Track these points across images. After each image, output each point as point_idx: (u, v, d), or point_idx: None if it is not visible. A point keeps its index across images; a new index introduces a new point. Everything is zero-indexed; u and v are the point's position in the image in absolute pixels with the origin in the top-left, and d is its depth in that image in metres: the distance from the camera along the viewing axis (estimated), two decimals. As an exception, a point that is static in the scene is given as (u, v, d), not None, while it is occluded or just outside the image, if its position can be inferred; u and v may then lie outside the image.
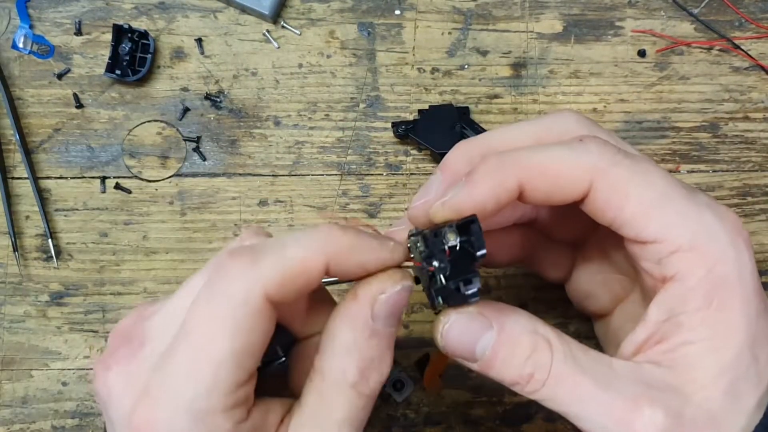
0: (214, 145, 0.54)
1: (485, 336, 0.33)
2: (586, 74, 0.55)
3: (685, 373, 0.31)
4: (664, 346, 0.32)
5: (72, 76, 0.55)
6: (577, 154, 0.33)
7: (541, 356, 0.32)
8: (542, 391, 0.32)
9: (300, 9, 0.55)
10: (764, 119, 0.55)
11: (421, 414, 0.53)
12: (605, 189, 0.33)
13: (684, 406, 0.31)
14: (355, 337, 0.32)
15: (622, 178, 0.32)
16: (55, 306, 0.53)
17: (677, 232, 0.32)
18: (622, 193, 0.32)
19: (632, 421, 0.31)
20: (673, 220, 0.32)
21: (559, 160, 0.33)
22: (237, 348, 0.29)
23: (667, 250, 0.32)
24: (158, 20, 0.55)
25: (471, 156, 0.36)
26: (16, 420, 0.52)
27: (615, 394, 0.31)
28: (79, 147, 0.54)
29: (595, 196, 0.33)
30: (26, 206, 0.54)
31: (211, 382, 0.29)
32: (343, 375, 0.32)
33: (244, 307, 0.30)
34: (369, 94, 0.55)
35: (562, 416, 0.33)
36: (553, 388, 0.32)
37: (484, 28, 0.55)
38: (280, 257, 0.31)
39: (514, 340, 0.33)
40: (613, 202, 0.33)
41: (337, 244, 0.32)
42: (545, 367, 0.32)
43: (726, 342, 0.31)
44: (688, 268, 0.32)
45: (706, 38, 0.55)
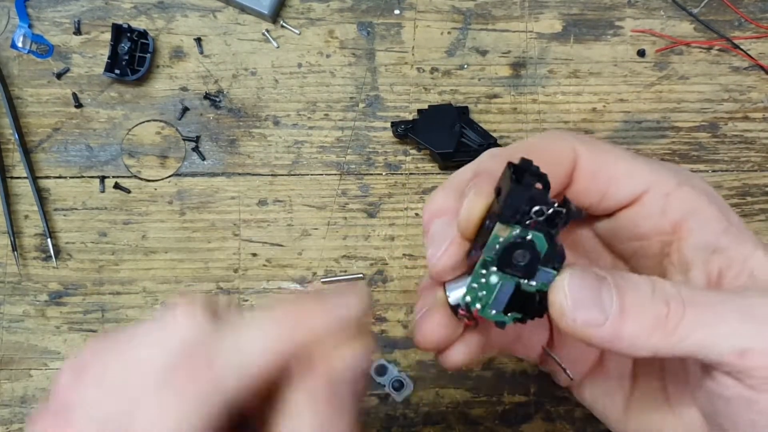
0: (214, 144, 0.54)
1: (603, 287, 0.29)
2: (585, 74, 0.55)
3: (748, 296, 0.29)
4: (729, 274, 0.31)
5: (71, 75, 0.55)
6: (555, 139, 0.33)
7: (666, 287, 0.28)
8: (686, 324, 0.28)
9: (299, 8, 0.55)
10: (764, 119, 0.55)
11: (421, 414, 0.53)
12: (590, 159, 0.33)
13: None
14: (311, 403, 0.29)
15: (601, 149, 0.33)
16: (54, 306, 0.53)
17: (663, 176, 0.33)
18: (605, 158, 0.33)
19: None
20: (654, 169, 0.33)
21: (546, 143, 0.33)
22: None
23: (662, 193, 0.32)
24: (157, 20, 0.55)
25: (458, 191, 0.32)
26: (15, 420, 0.52)
27: (745, 310, 0.28)
28: (78, 146, 0.54)
29: (583, 169, 0.33)
30: (25, 206, 0.54)
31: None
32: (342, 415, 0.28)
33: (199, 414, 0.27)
34: (368, 93, 0.55)
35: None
36: (695, 319, 0.28)
37: (484, 27, 0.55)
38: (238, 367, 0.27)
39: (633, 282, 0.29)
40: (601, 168, 0.33)
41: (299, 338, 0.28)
42: (677, 297, 0.28)
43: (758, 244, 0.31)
44: (689, 202, 0.32)
45: (705, 38, 0.55)
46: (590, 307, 0.28)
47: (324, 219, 0.54)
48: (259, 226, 0.54)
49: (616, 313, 0.28)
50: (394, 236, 0.53)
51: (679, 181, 0.33)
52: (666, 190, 0.33)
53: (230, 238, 0.53)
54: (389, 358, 0.53)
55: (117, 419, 0.28)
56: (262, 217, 0.54)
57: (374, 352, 0.30)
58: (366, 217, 0.54)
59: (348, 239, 0.54)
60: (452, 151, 0.52)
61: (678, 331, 0.28)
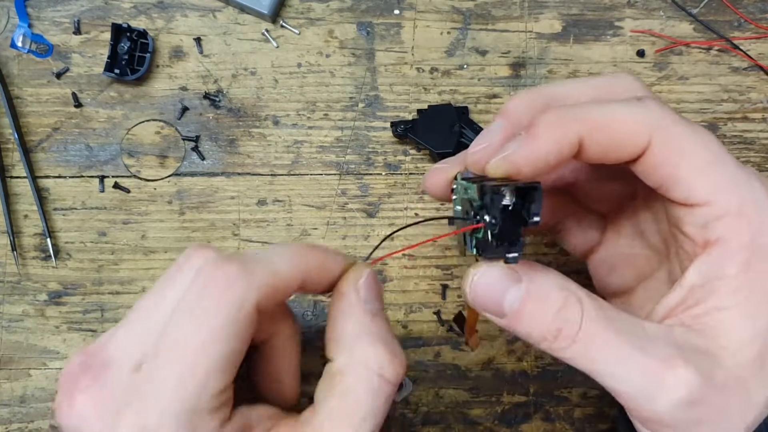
0: (213, 144, 0.54)
1: (513, 289, 0.32)
2: (585, 74, 0.55)
3: (716, 338, 0.31)
4: (697, 311, 0.32)
5: (71, 75, 0.55)
6: (639, 111, 0.33)
7: (570, 312, 0.32)
8: (572, 348, 0.32)
9: (299, 8, 0.55)
10: (763, 119, 0.55)
11: (420, 414, 0.53)
12: (664, 145, 0.32)
13: (715, 368, 0.31)
14: (361, 323, 0.34)
15: (682, 136, 0.32)
16: (54, 305, 0.53)
17: (727, 197, 0.32)
18: (680, 151, 0.32)
19: (664, 379, 0.30)
20: (725, 184, 0.32)
21: (622, 116, 0.33)
22: (226, 354, 0.30)
23: (714, 214, 0.32)
24: (157, 19, 0.55)
25: (533, 105, 0.36)
26: (14, 419, 0.52)
27: (647, 353, 0.31)
28: (78, 146, 0.54)
29: (653, 153, 0.33)
30: (25, 205, 0.54)
31: (200, 385, 0.30)
32: (366, 364, 0.33)
33: (238, 313, 0.30)
34: (368, 93, 0.55)
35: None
36: (584, 345, 0.31)
37: (483, 27, 0.55)
38: (270, 269, 0.32)
39: (544, 294, 0.32)
40: (671, 158, 0.32)
41: (312, 262, 0.34)
42: (575, 323, 0.31)
43: (760, 309, 0.31)
44: (732, 233, 0.32)
45: (705, 38, 0.55)
46: (492, 303, 0.33)
47: (323, 219, 0.54)
48: (259, 226, 0.54)
49: (514, 314, 0.33)
50: (393, 236, 0.53)
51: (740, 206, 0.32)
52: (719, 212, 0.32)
53: (230, 237, 0.53)
54: (388, 358, 0.53)
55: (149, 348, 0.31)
56: (261, 216, 0.54)
57: None
58: (365, 217, 0.54)
59: (347, 239, 0.54)
60: (452, 151, 0.52)
61: (564, 353, 0.32)
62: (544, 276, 0.33)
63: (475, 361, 0.53)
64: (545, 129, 0.33)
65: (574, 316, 0.32)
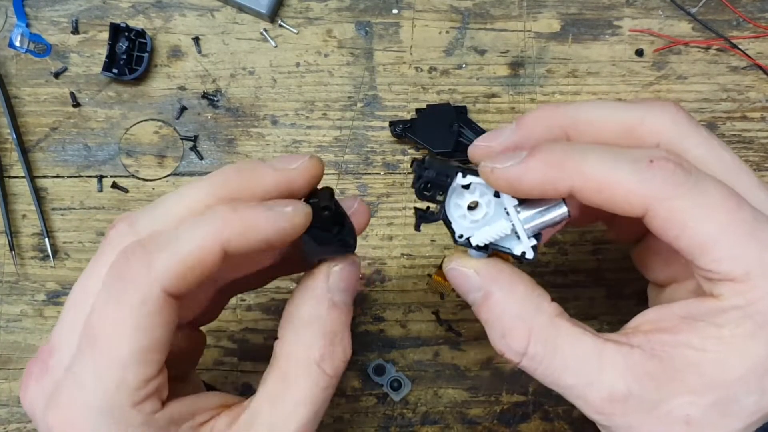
0: (211, 144, 0.54)
1: (474, 293, 0.35)
2: (583, 74, 0.55)
3: (675, 372, 0.31)
4: (668, 338, 0.32)
5: (69, 74, 0.55)
6: (639, 180, 0.32)
7: (513, 342, 0.34)
8: (521, 366, 0.34)
9: (297, 8, 0.55)
10: (762, 119, 0.55)
11: (419, 413, 0.53)
12: (662, 218, 0.32)
13: (662, 402, 0.31)
14: (316, 309, 0.34)
15: (681, 211, 0.32)
16: (52, 305, 0.53)
17: (730, 267, 0.31)
18: (679, 225, 0.32)
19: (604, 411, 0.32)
20: (727, 255, 0.31)
21: (619, 181, 0.32)
22: (140, 346, 0.30)
23: (719, 276, 0.32)
24: (155, 19, 0.55)
25: (551, 123, 0.36)
26: (12, 419, 0.52)
27: (593, 389, 0.32)
28: (76, 146, 0.54)
29: (652, 221, 0.32)
30: (23, 205, 0.53)
31: (118, 380, 0.30)
32: (307, 351, 0.33)
33: (142, 307, 0.30)
34: (366, 93, 0.55)
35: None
36: (532, 371, 0.34)
37: (482, 27, 0.55)
38: (174, 252, 0.31)
39: (494, 315, 0.34)
40: (670, 231, 0.32)
41: (230, 228, 0.31)
42: (517, 352, 0.33)
43: (733, 364, 0.31)
44: (732, 294, 0.32)
45: (703, 38, 0.55)
46: (459, 291, 0.36)
47: (322, 218, 0.54)
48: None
49: (476, 311, 0.35)
50: (392, 236, 0.53)
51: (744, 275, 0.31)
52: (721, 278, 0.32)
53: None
54: (387, 357, 0.53)
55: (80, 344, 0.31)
56: (260, 216, 0.54)
57: None
58: (364, 217, 0.54)
59: (346, 239, 0.54)
60: (450, 150, 0.52)
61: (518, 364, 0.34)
62: (503, 296, 0.34)
63: (474, 361, 0.53)
64: (540, 163, 0.33)
65: (517, 346, 0.33)
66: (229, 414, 0.33)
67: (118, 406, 0.30)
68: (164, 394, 0.32)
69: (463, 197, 0.36)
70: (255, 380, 0.52)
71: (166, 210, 0.33)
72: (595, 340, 0.33)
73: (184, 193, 0.33)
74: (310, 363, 0.33)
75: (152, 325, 0.30)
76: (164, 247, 0.31)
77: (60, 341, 0.33)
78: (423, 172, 0.35)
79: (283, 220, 0.32)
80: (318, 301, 0.34)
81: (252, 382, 0.52)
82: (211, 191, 0.33)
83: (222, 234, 0.31)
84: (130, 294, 0.30)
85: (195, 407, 0.33)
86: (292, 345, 0.34)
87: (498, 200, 0.35)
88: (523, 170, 0.33)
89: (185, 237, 0.31)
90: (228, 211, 0.31)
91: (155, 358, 0.31)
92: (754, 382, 0.31)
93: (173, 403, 0.32)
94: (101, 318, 0.31)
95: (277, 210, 0.32)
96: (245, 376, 0.52)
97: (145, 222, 0.33)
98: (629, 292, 0.53)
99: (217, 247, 0.31)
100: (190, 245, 0.31)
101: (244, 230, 0.31)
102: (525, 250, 0.35)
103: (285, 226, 0.32)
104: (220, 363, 0.52)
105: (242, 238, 0.31)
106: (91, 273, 0.33)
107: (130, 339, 0.30)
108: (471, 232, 0.35)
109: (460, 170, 0.35)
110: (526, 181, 0.33)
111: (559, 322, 0.34)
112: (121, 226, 0.33)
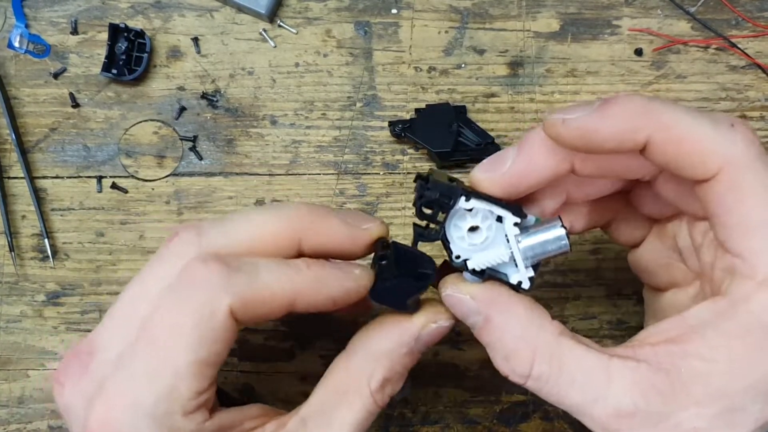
0: (211, 144, 0.54)
1: (473, 317, 0.35)
2: (583, 73, 0.55)
3: (682, 384, 0.31)
4: (677, 348, 0.32)
5: (68, 75, 0.55)
6: (722, 139, 0.31)
7: (517, 364, 0.33)
8: (526, 386, 0.34)
9: (297, 8, 0.55)
10: (761, 118, 0.55)
11: (419, 413, 0.53)
12: (727, 184, 0.31)
13: (669, 416, 0.31)
14: (395, 350, 0.34)
15: (749, 184, 0.31)
16: (52, 306, 0.53)
17: (763, 264, 0.31)
18: (740, 197, 0.31)
19: (610, 427, 0.32)
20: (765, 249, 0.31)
21: (701, 136, 0.31)
22: (198, 358, 0.30)
23: (744, 272, 0.31)
24: (154, 19, 0.55)
25: (555, 147, 0.34)
26: (12, 420, 0.52)
27: (599, 405, 0.32)
28: (76, 146, 0.54)
29: (714, 187, 0.31)
30: (22, 206, 0.53)
31: (171, 388, 0.30)
32: (369, 379, 0.34)
33: (211, 319, 0.30)
34: (366, 93, 0.55)
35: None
36: (537, 390, 0.33)
37: (481, 26, 0.55)
38: (252, 281, 0.31)
39: (496, 338, 0.34)
40: (728, 201, 0.31)
41: (304, 281, 0.33)
42: (521, 375, 0.33)
43: (740, 375, 0.31)
44: (750, 299, 0.31)
45: (702, 37, 0.55)
46: (458, 315, 0.35)
47: (322, 218, 0.54)
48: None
49: (477, 335, 0.35)
50: (391, 236, 0.53)
51: None
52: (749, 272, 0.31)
53: (228, 237, 0.53)
54: (387, 357, 0.53)
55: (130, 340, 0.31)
56: (259, 216, 0.54)
57: None
58: (364, 217, 0.54)
59: (346, 239, 0.54)
60: (450, 150, 0.52)
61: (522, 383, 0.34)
62: (503, 319, 0.34)
63: (474, 360, 0.53)
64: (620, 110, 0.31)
65: (522, 368, 0.33)
66: (275, 422, 0.34)
67: (169, 412, 0.30)
68: (211, 404, 0.32)
69: (464, 219, 0.35)
70: (255, 380, 0.52)
71: (236, 231, 0.33)
72: (600, 356, 0.33)
73: (253, 218, 0.34)
74: (366, 390, 0.34)
75: (214, 339, 0.30)
76: (244, 270, 0.31)
77: (105, 342, 0.32)
78: (425, 191, 0.34)
79: (351, 280, 0.34)
80: (400, 344, 0.35)
81: (252, 382, 0.52)
82: (281, 223, 0.34)
83: (295, 284, 0.32)
84: (201, 303, 0.30)
85: (241, 416, 0.34)
86: (357, 368, 0.34)
87: (499, 225, 0.34)
88: (599, 118, 0.31)
89: (264, 270, 0.32)
90: (303, 265, 0.33)
91: (210, 372, 0.31)
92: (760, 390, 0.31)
93: (220, 413, 0.33)
94: (164, 319, 0.30)
95: (346, 270, 0.34)
96: (245, 376, 0.52)
97: (213, 237, 0.33)
98: (629, 291, 0.53)
99: (288, 296, 0.32)
100: (268, 280, 0.32)
101: (316, 285, 0.33)
102: (522, 280, 0.35)
103: (351, 286, 0.34)
104: (220, 363, 0.52)
105: (312, 293, 0.33)
106: (148, 277, 0.33)
107: (189, 348, 0.30)
108: (469, 255, 0.35)
109: (463, 193, 0.34)
110: (603, 130, 0.31)
111: (563, 340, 0.33)
112: (187, 236, 0.33)
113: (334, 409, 0.34)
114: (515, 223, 0.34)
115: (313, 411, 0.34)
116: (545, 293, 0.53)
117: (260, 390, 0.52)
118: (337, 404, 0.34)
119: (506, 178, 0.34)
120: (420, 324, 0.35)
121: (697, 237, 0.37)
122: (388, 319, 0.35)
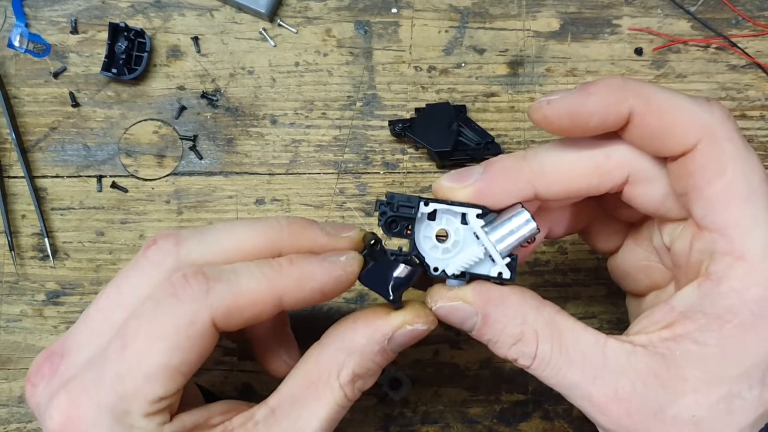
0: (211, 143, 0.54)
1: (471, 319, 0.35)
2: (582, 72, 0.55)
3: (678, 369, 0.31)
4: (669, 333, 0.32)
5: (68, 74, 0.55)
6: (700, 110, 0.32)
7: (525, 346, 0.34)
8: (530, 369, 0.34)
9: (297, 7, 0.55)
10: (761, 117, 0.55)
11: (419, 413, 0.52)
12: (706, 156, 0.32)
13: (668, 404, 0.31)
14: (367, 345, 0.34)
15: (728, 154, 0.32)
16: (52, 305, 0.53)
17: (742, 237, 0.31)
18: (719, 169, 0.31)
19: (609, 412, 0.32)
20: (746, 223, 0.31)
21: (681, 106, 0.32)
22: (171, 364, 0.31)
23: (723, 248, 0.31)
24: (154, 19, 0.55)
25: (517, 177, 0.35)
26: (12, 419, 0.52)
27: (598, 385, 0.32)
28: (75, 146, 0.54)
29: (693, 158, 0.32)
30: (22, 205, 0.53)
31: (136, 390, 0.30)
32: (340, 371, 0.34)
33: (188, 328, 0.31)
34: (366, 92, 0.55)
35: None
36: (540, 372, 0.34)
37: (481, 26, 0.55)
38: (233, 289, 0.32)
39: (498, 330, 0.34)
40: (706, 172, 0.32)
41: (287, 279, 0.33)
42: (529, 355, 0.34)
43: (735, 359, 0.31)
44: (732, 275, 0.31)
45: (702, 36, 0.55)
46: (453, 324, 0.36)
47: (322, 218, 0.54)
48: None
49: (477, 335, 0.35)
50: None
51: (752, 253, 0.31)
52: (728, 249, 0.32)
53: (228, 237, 0.53)
54: (387, 357, 0.53)
55: (102, 344, 0.32)
56: (259, 216, 0.54)
57: None
58: (364, 216, 0.54)
59: (345, 238, 0.54)
60: (450, 149, 0.52)
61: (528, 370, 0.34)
62: (500, 312, 0.34)
63: (473, 360, 0.53)
64: (602, 88, 0.33)
65: (528, 350, 0.34)
66: (243, 414, 0.34)
67: (130, 412, 0.30)
68: (174, 408, 0.33)
69: (430, 228, 0.36)
70: (255, 380, 0.52)
71: (216, 241, 0.34)
72: (597, 335, 0.33)
73: (235, 229, 0.34)
74: (336, 382, 0.34)
75: (190, 348, 0.31)
76: (224, 281, 0.32)
77: (77, 345, 0.33)
78: (386, 208, 0.35)
79: (338, 268, 0.34)
80: (373, 341, 0.35)
81: (252, 381, 0.52)
82: (262, 235, 0.34)
83: (278, 284, 0.33)
84: (180, 313, 0.31)
85: (207, 414, 0.34)
86: (328, 361, 0.34)
87: (467, 227, 0.36)
88: (584, 96, 0.33)
89: (244, 277, 0.32)
90: (286, 263, 0.33)
91: (180, 379, 0.31)
92: (756, 377, 0.31)
93: (183, 415, 0.33)
94: (141, 326, 0.31)
95: (331, 260, 0.34)
96: (245, 375, 0.52)
97: (192, 246, 0.34)
98: (629, 290, 0.53)
99: (272, 297, 0.33)
100: (248, 286, 0.32)
101: (301, 281, 0.33)
102: (501, 270, 0.35)
103: (340, 274, 0.34)
104: (220, 363, 0.52)
105: (298, 289, 0.33)
106: (123, 284, 0.33)
107: (163, 354, 0.30)
108: (445, 263, 0.36)
109: (421, 200, 0.35)
110: (588, 105, 0.32)
111: (560, 319, 0.34)
112: (165, 245, 0.33)
113: (304, 400, 0.34)
114: (478, 215, 0.35)
115: (283, 401, 0.34)
116: (545, 293, 0.53)
117: (260, 390, 0.52)
118: (307, 395, 0.34)
119: (468, 191, 0.35)
120: (395, 324, 0.35)
121: (668, 236, 0.38)
122: (364, 315, 0.36)
